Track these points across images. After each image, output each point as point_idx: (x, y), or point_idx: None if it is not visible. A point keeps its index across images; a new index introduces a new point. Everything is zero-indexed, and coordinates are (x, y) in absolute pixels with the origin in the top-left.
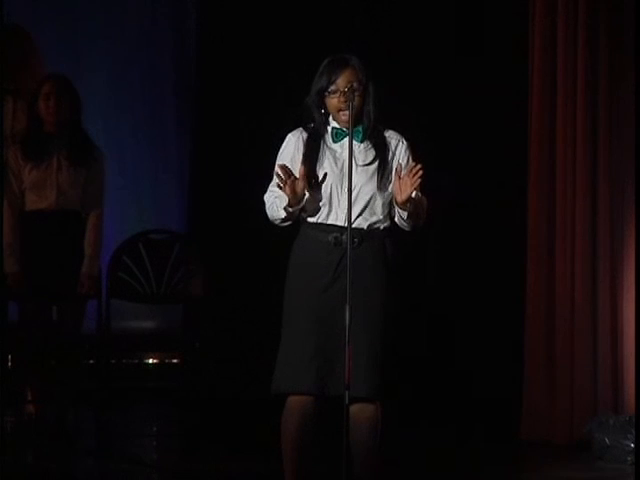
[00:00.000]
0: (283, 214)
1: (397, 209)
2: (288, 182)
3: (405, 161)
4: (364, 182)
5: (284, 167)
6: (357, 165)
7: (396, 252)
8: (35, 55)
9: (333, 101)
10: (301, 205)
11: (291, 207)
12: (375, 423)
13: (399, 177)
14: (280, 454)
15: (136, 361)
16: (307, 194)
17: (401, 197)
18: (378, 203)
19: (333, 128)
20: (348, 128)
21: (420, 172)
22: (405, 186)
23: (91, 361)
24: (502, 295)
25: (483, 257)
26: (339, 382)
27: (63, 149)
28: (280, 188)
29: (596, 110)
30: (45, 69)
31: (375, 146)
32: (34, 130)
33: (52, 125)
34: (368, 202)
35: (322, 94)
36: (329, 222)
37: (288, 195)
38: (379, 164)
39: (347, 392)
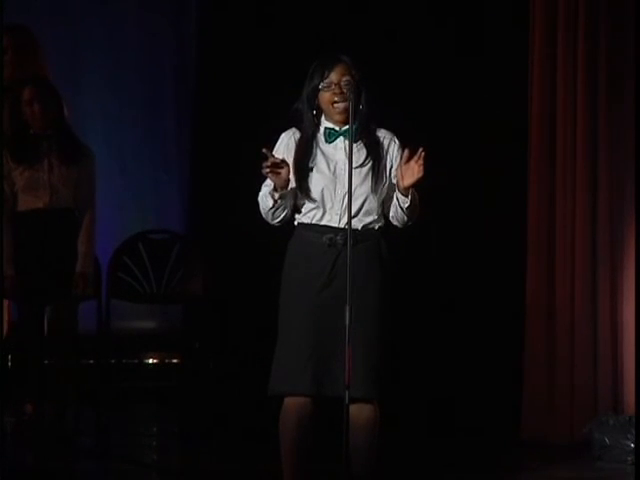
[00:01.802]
0: (271, 202)
1: (397, 200)
2: (270, 165)
3: (398, 160)
4: (358, 183)
5: (265, 153)
6: (352, 166)
7: (392, 251)
8: (40, 56)
9: (326, 95)
10: (285, 192)
11: (276, 192)
12: (373, 423)
13: (406, 161)
14: (279, 454)
15: (136, 361)
16: (293, 184)
17: (406, 182)
18: (372, 203)
19: (326, 128)
20: (341, 126)
21: (424, 155)
22: (412, 171)
23: (91, 361)
24: (502, 295)
25: (483, 257)
26: (336, 382)
27: (53, 149)
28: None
29: (596, 110)
30: (48, 70)
31: (367, 146)
32: (21, 133)
33: (39, 127)
34: (363, 203)
35: (316, 91)
36: (323, 223)
37: (272, 179)
38: (372, 165)
39: (347, 392)
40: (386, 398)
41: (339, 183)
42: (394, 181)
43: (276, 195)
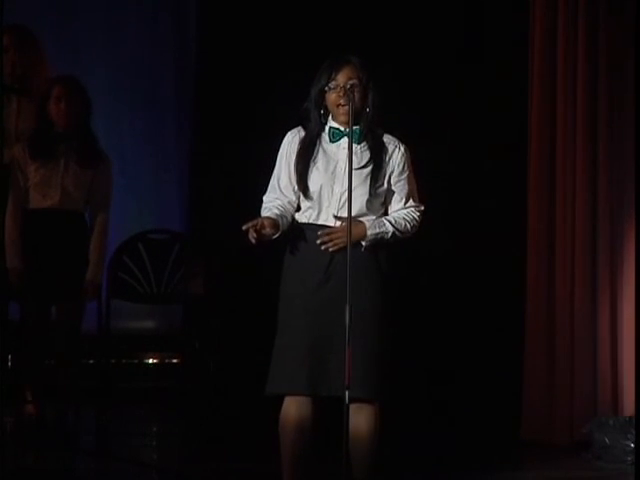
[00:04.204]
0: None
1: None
2: (252, 235)
3: (400, 167)
4: (357, 185)
5: (248, 227)
6: (352, 167)
7: (390, 253)
8: (41, 55)
9: (332, 97)
10: (276, 236)
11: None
12: (373, 423)
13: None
14: (279, 454)
15: (136, 361)
16: (292, 198)
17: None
18: (370, 206)
19: (330, 128)
20: (346, 127)
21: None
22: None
23: (91, 361)
24: (502, 295)
25: (483, 257)
26: (332, 383)
27: (71, 150)
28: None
29: (596, 110)
30: (51, 69)
31: (371, 149)
32: (43, 130)
33: (62, 126)
34: (360, 204)
35: (322, 91)
36: (319, 222)
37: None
38: (373, 168)
39: (347, 392)
40: (389, 399)
41: (337, 182)
42: (393, 188)
43: (264, 239)
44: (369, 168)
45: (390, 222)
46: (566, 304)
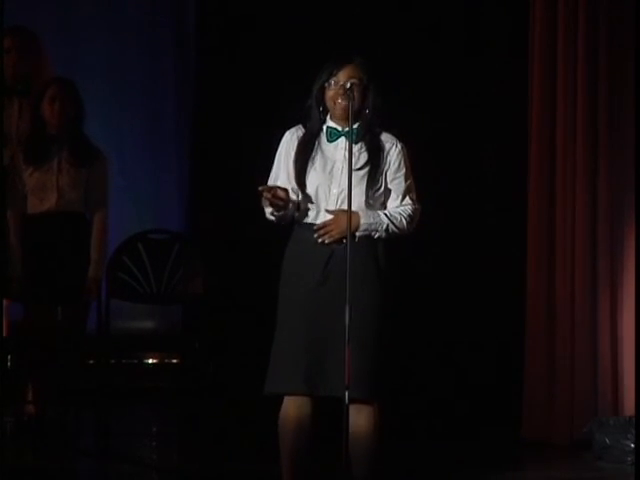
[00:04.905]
0: (273, 218)
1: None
2: (266, 195)
3: (396, 165)
4: (353, 186)
5: (264, 189)
6: (352, 168)
7: (390, 252)
8: (43, 57)
9: (330, 93)
10: (286, 211)
11: (274, 213)
12: (372, 424)
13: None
14: (279, 454)
15: (136, 361)
16: (294, 197)
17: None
18: (368, 206)
19: (328, 127)
20: (343, 126)
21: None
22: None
23: (91, 361)
24: (502, 295)
25: (483, 257)
26: (328, 382)
27: (64, 151)
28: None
29: (596, 110)
30: (53, 71)
31: (368, 149)
32: (37, 132)
33: (55, 127)
34: (357, 205)
35: (322, 88)
36: (317, 222)
37: (274, 206)
38: (370, 169)
39: (347, 392)
40: (387, 399)
41: (334, 182)
42: (390, 186)
43: (274, 216)
44: (366, 169)
45: (385, 215)
46: (566, 304)
